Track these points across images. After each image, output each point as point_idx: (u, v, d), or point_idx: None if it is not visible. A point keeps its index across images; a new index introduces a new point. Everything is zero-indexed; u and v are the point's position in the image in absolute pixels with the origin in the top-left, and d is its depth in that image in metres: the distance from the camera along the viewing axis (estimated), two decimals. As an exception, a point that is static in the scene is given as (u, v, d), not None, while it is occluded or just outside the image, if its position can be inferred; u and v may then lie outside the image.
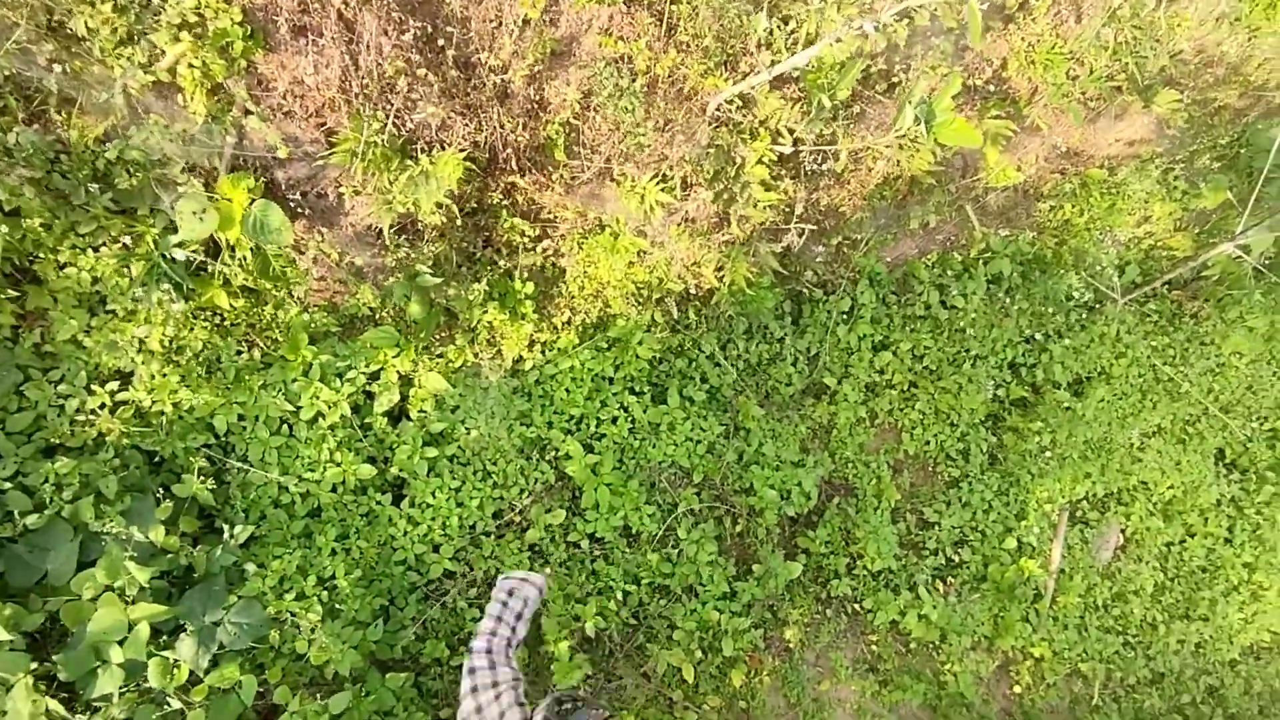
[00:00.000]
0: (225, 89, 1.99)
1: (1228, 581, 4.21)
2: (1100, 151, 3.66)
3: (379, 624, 2.72)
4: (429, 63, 2.04)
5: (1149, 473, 4.19)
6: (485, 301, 2.85)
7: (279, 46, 1.92)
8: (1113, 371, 4.09)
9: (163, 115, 2.02)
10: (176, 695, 2.25)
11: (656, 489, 3.35)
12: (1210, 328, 4.37)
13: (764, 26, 2.00)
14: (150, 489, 2.50)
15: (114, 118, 2.03)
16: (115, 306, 2.45)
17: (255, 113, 2.02)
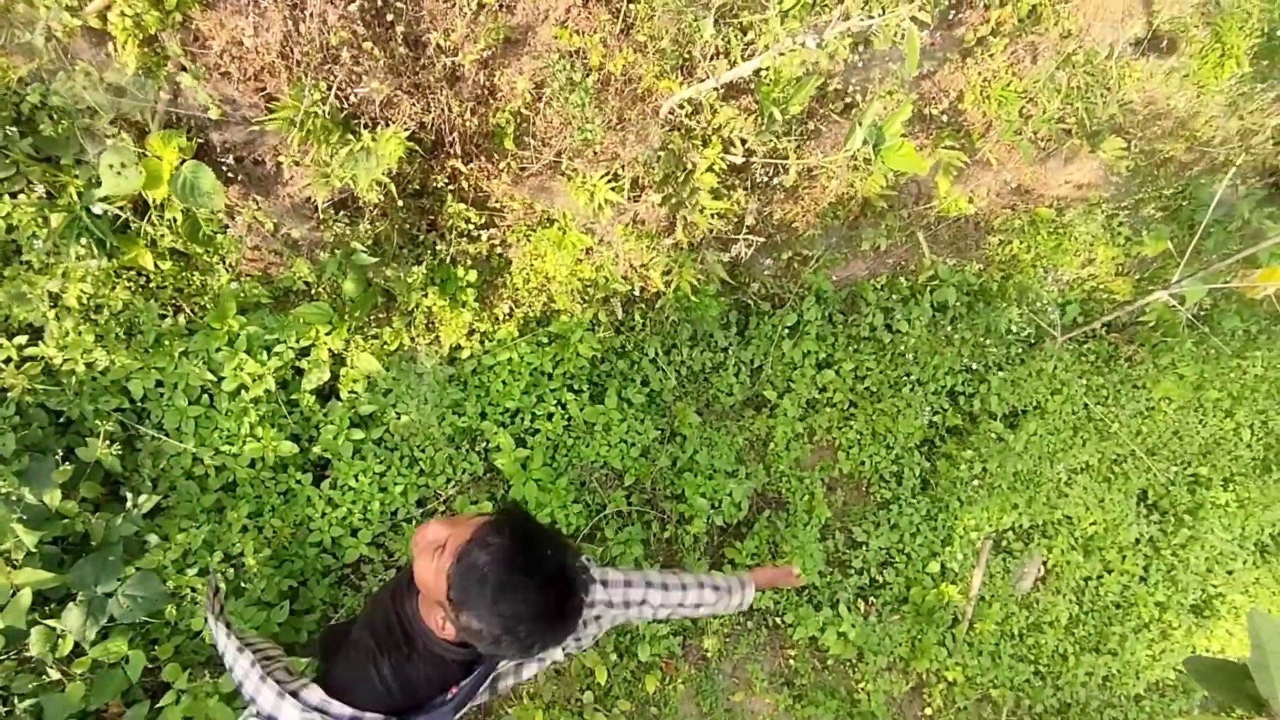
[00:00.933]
0: (159, 42, 1.92)
1: (1139, 619, 4.33)
2: (1050, 191, 3.74)
3: (286, 605, 2.65)
4: (376, 37, 1.99)
5: (1073, 508, 4.29)
6: (425, 286, 2.80)
7: (217, 3, 1.86)
8: (1047, 407, 4.18)
9: (91, 63, 1.94)
10: (58, 666, 2.16)
11: (586, 488, 3.33)
12: (1143, 372, 4.49)
13: (710, 33, 1.99)
14: (52, 450, 2.39)
15: (39, 60, 1.95)
16: (30, 257, 2.35)
17: (190, 70, 1.95)
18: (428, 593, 1.28)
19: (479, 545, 1.19)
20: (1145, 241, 4.11)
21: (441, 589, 1.20)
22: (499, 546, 1.18)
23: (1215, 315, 4.46)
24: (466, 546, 1.19)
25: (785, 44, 1.88)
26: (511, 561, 1.18)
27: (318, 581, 2.82)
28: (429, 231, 2.74)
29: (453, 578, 1.19)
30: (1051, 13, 2.69)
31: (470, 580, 1.17)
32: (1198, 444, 4.70)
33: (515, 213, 2.72)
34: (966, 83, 2.88)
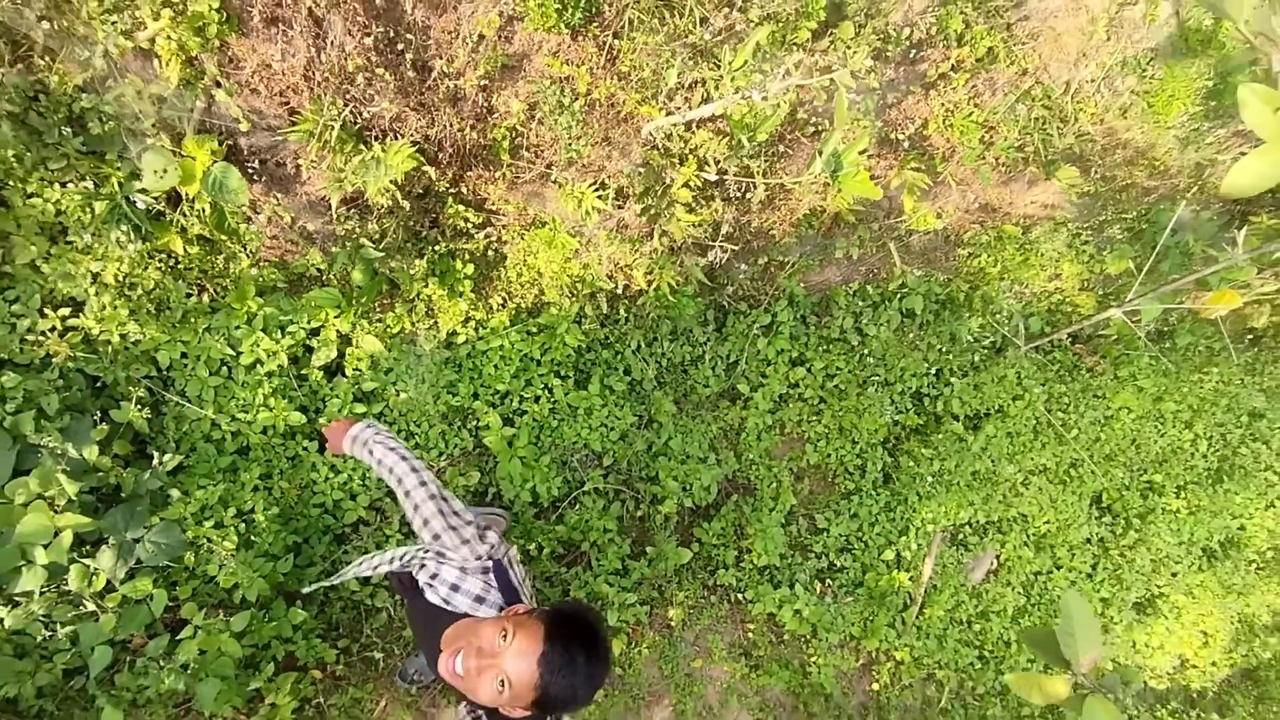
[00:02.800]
0: (199, 62, 2.19)
1: (1083, 613, 4.62)
2: (1016, 210, 3.99)
3: (290, 558, 2.97)
4: (388, 63, 2.26)
5: (1028, 506, 4.57)
6: (426, 277, 3.09)
7: (251, 33, 2.13)
8: (1009, 411, 4.45)
9: (139, 76, 2.22)
10: (92, 599, 2.48)
11: (567, 467, 3.63)
12: (1104, 382, 4.75)
13: (674, 81, 2.25)
14: (89, 411, 2.71)
15: (93, 71, 2.22)
16: (75, 239, 2.64)
17: (224, 86, 2.23)
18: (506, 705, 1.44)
19: (555, 670, 1.36)
20: (1108, 260, 4.37)
21: (526, 700, 1.39)
22: (566, 658, 1.37)
23: (1176, 333, 4.71)
24: (545, 675, 1.36)
25: (729, 99, 2.14)
26: (571, 662, 1.38)
27: (319, 539, 3.13)
28: (431, 228, 3.02)
29: (541, 690, 1.37)
30: (1007, 53, 2.93)
31: (557, 691, 1.38)
32: (1154, 452, 4.96)
33: (510, 215, 3.00)
34: (930, 112, 3.12)
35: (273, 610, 2.89)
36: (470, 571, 1.63)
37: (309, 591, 2.98)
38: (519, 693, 1.37)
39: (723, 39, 2.45)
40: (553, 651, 1.36)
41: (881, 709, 4.09)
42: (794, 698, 3.91)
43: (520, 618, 1.45)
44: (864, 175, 2.63)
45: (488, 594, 1.61)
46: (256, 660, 2.84)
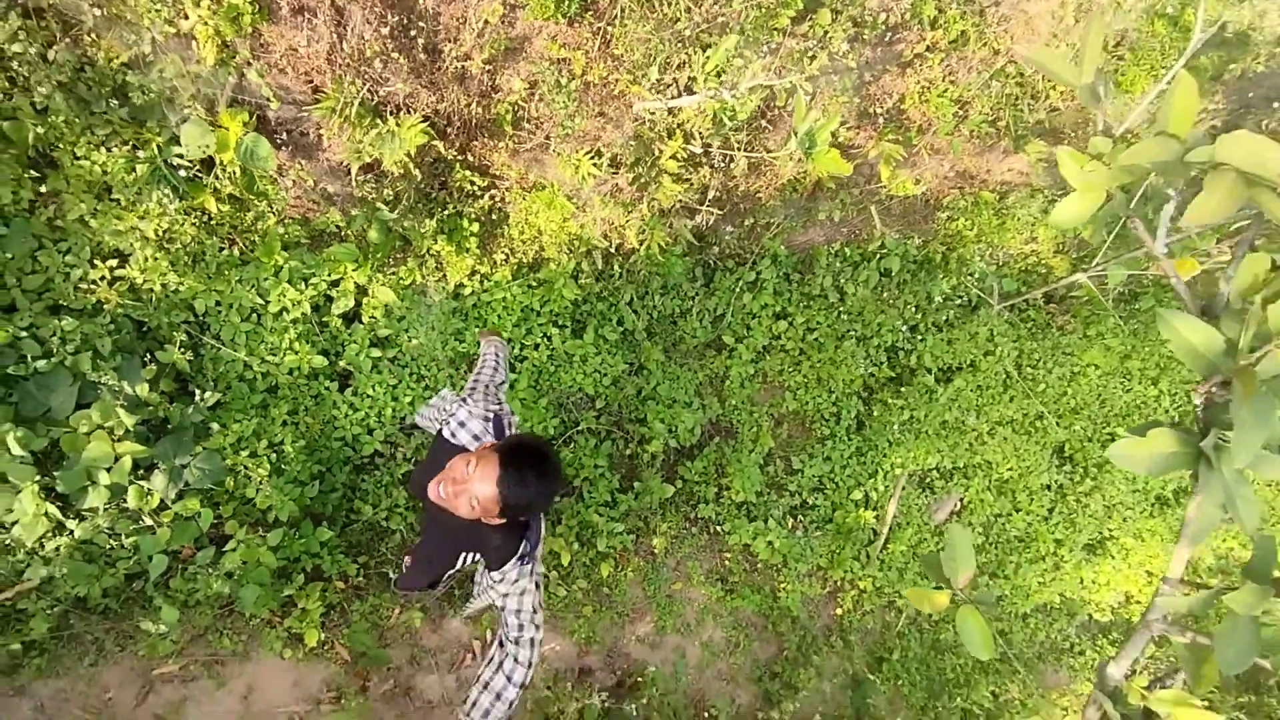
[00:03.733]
0: (233, 45, 2.43)
1: (1036, 552, 5.03)
2: (994, 176, 4.20)
3: (315, 484, 3.35)
4: (401, 47, 2.49)
5: (993, 454, 4.93)
6: (435, 234, 3.37)
7: (280, 21, 2.36)
8: (979, 365, 4.75)
9: (179, 56, 2.47)
10: (149, 515, 2.88)
11: (563, 408, 3.98)
12: (1073, 340, 5.04)
13: (656, 77, 2.48)
14: (138, 352, 3.05)
15: (137, 50, 2.47)
16: (119, 197, 2.92)
17: (255, 67, 2.47)
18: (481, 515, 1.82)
19: (510, 487, 1.72)
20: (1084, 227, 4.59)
21: (494, 512, 1.76)
22: (518, 477, 1.73)
23: (1142, 296, 4.96)
24: (503, 492, 1.72)
25: (703, 96, 2.38)
26: (523, 479, 1.74)
27: (340, 468, 3.51)
28: (440, 190, 3.28)
29: (503, 503, 1.73)
30: (979, 36, 3.11)
31: (515, 501, 1.74)
32: (1119, 407, 5.28)
33: (512, 179, 3.25)
34: (906, 88, 3.32)
35: (302, 529, 3.29)
36: (476, 416, 2.07)
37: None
38: (486, 507, 1.74)
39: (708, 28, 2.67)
40: (506, 474, 1.72)
41: (844, 631, 4.55)
42: (764, 619, 4.36)
43: (483, 451, 1.82)
44: (835, 153, 2.87)
45: (484, 435, 2.04)
46: (289, 571, 3.26)
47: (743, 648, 4.24)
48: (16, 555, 2.74)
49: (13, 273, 2.89)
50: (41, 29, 2.48)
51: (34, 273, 2.93)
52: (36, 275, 2.93)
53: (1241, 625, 1.16)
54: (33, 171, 2.84)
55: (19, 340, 2.79)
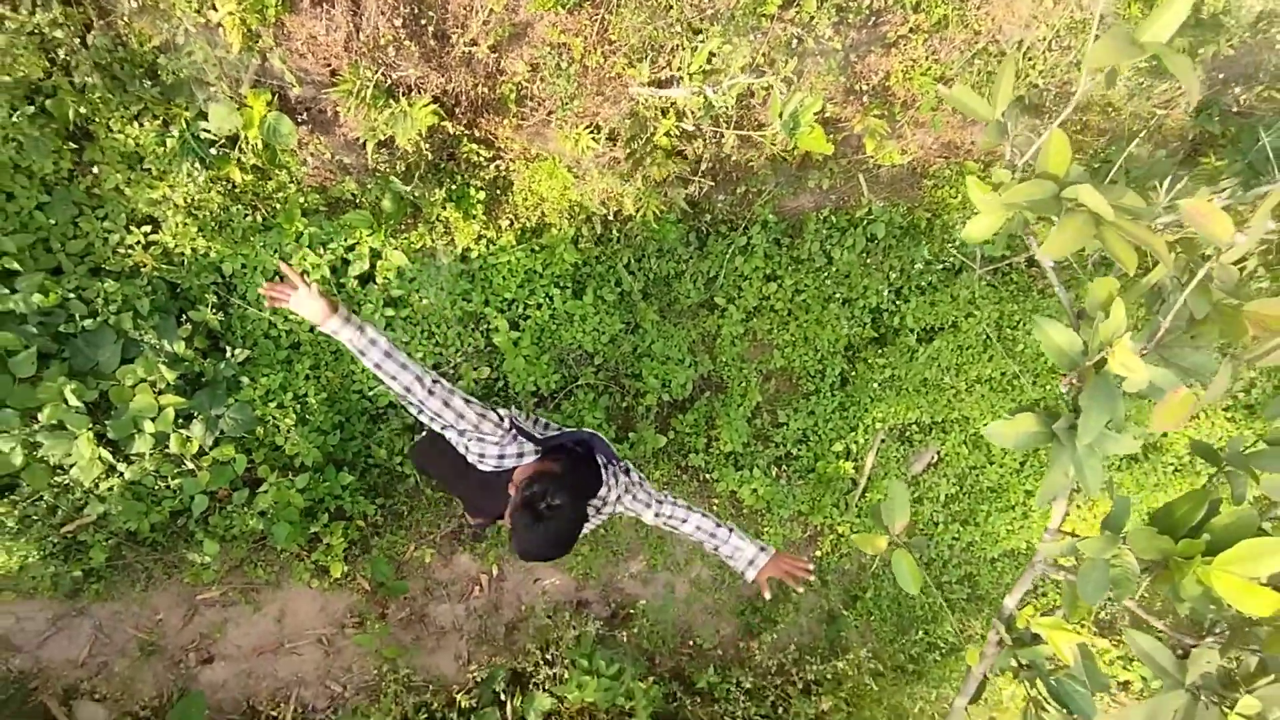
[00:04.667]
0: (257, 33, 2.63)
1: (1007, 501, 5.37)
2: (979, 147, 4.37)
3: (336, 433, 3.67)
4: (413, 34, 2.68)
5: (971, 410, 5.21)
6: (444, 202, 3.59)
7: (301, 12, 2.55)
8: (960, 326, 5.00)
9: (207, 41, 2.67)
10: (190, 460, 3.20)
11: (564, 364, 4.26)
12: (1053, 303, 5.26)
13: (647, 75, 2.67)
14: (173, 311, 3.32)
15: (168, 35, 2.67)
16: (151, 167, 3.16)
17: (277, 53, 2.67)
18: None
19: (518, 528, 2.04)
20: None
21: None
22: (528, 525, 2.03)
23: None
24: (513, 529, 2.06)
25: (694, 89, 2.57)
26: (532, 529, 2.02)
27: (358, 418, 3.82)
28: (449, 161, 3.49)
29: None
30: (959, 19, 3.27)
31: (518, 545, 2.05)
32: (1094, 366, 5.53)
33: (516, 151, 3.46)
34: (891, 67, 3.49)
35: (325, 473, 3.62)
36: (504, 442, 2.25)
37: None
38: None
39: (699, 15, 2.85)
40: (519, 515, 2.04)
41: (822, 571, 4.92)
42: (748, 558, 4.73)
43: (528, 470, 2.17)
44: (819, 133, 3.08)
45: (523, 448, 2.28)
46: (315, 510, 3.60)
47: (727, 585, 4.62)
48: (75, 494, 3.08)
49: (57, 238, 3.16)
50: (80, 14, 2.68)
51: (76, 238, 3.19)
52: (78, 240, 3.19)
53: (1096, 567, 1.46)
54: (71, 144, 3.07)
55: (67, 301, 3.07)
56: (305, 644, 3.67)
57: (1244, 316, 1.38)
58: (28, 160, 2.97)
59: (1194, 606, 1.42)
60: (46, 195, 3.12)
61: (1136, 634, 1.39)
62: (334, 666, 3.69)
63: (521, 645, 4.06)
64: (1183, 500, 1.41)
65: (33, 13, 2.59)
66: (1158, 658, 1.36)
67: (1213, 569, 1.28)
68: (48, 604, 3.24)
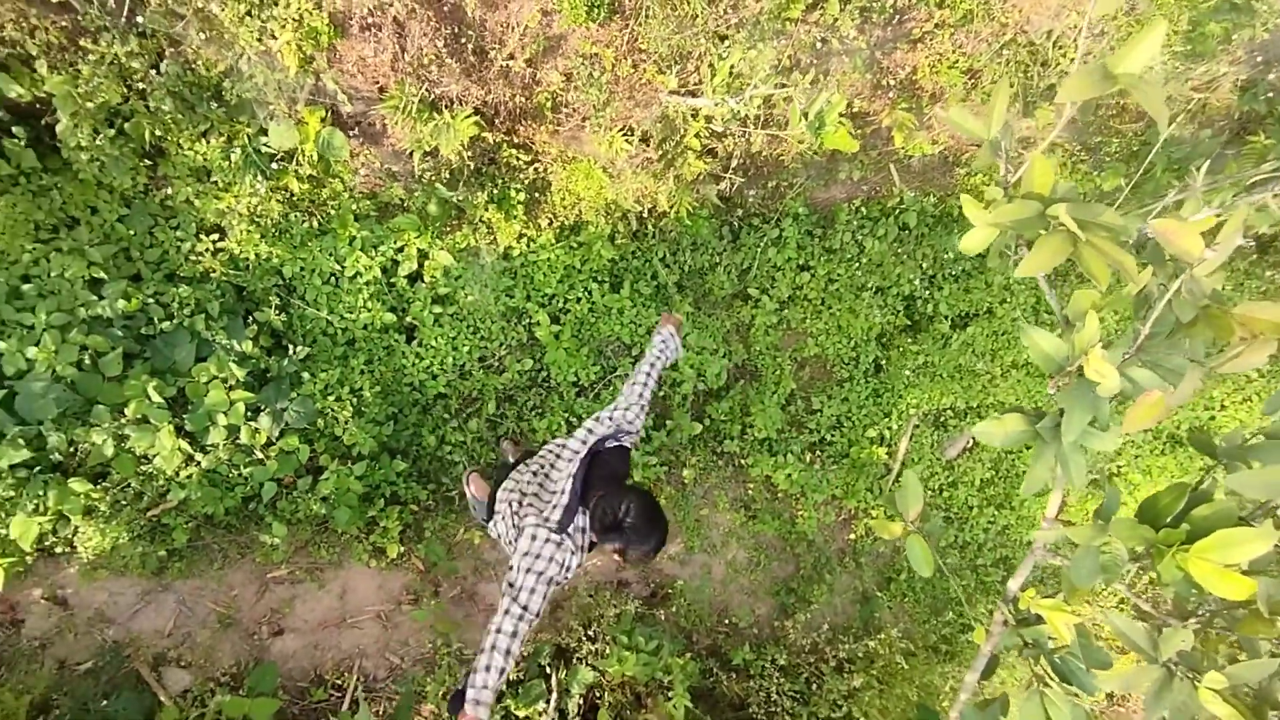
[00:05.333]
0: (312, 57, 2.83)
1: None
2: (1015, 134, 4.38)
3: (390, 424, 3.91)
4: (453, 52, 2.85)
5: (1006, 395, 5.24)
6: (487, 205, 3.78)
7: (351, 36, 2.74)
8: (995, 312, 5.02)
9: (266, 65, 2.89)
10: (259, 450, 3.47)
11: (603, 355, 4.44)
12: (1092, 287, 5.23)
13: (676, 82, 2.79)
14: (240, 313, 3.59)
15: (232, 62, 2.90)
16: (218, 180, 3.41)
17: (330, 74, 2.88)
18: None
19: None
20: (1101, 178, 4.75)
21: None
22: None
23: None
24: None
25: (716, 100, 2.69)
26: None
27: (410, 409, 4.06)
28: (489, 165, 3.68)
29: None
30: (985, 14, 3.30)
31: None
32: (1135, 349, 5.49)
33: (553, 155, 3.63)
34: (918, 62, 3.54)
35: (381, 461, 3.88)
36: (566, 548, 2.15)
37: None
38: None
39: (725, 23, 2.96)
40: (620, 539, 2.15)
41: (856, 553, 5.04)
42: (783, 542, 4.87)
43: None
44: (843, 132, 3.18)
45: (576, 532, 2.20)
46: (372, 495, 3.86)
47: (762, 566, 4.78)
48: (159, 481, 3.38)
49: (136, 247, 3.44)
50: (153, 45, 2.92)
51: (152, 246, 3.48)
52: (154, 249, 3.48)
53: (1087, 554, 1.58)
54: (147, 161, 3.34)
55: (147, 306, 3.36)
56: (366, 619, 3.95)
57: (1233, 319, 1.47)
58: (109, 177, 3.24)
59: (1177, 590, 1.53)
60: (126, 208, 3.40)
61: (1113, 614, 1.50)
62: (392, 640, 3.96)
63: (565, 622, 4.28)
64: (1165, 493, 1.52)
65: (111, 45, 2.84)
66: (1133, 636, 1.47)
67: (1190, 556, 1.39)
68: (136, 581, 3.57)
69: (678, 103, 3.01)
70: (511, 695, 3.77)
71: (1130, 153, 4.69)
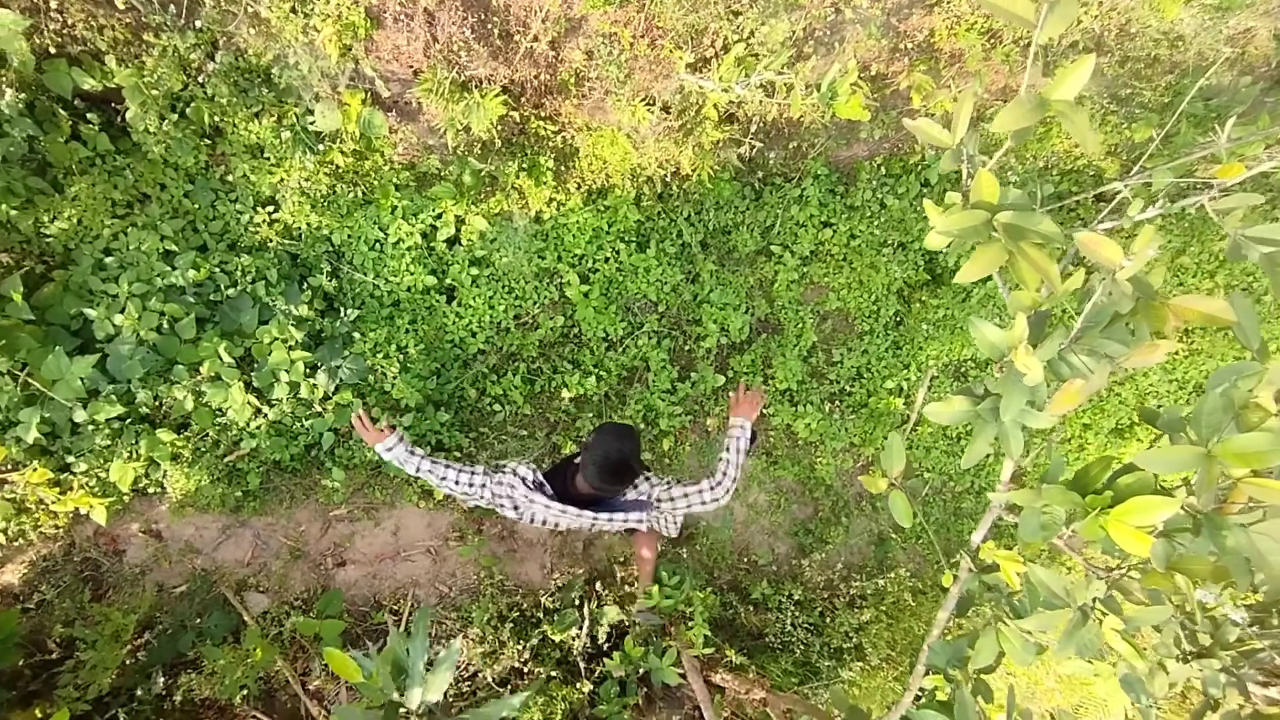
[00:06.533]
0: (350, 46, 3.06)
1: (1063, 435, 5.53)
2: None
3: (434, 378, 4.26)
4: (480, 37, 3.04)
5: (1028, 347, 5.33)
6: (518, 173, 4.00)
7: (386, 26, 2.95)
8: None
9: (310, 54, 3.12)
10: (318, 403, 3.85)
11: (630, 312, 4.69)
12: (1121, 239, 5.24)
13: (688, 63, 2.93)
14: (295, 279, 3.93)
15: (278, 50, 3.14)
16: (270, 156, 3.70)
17: (367, 61, 3.10)
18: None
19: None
20: (1133, 130, 4.72)
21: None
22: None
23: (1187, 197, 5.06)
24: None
25: (723, 87, 2.83)
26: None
27: (452, 364, 4.40)
28: (520, 135, 3.88)
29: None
30: (1001, -22, 3.32)
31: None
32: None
33: (578, 125, 3.81)
34: (935, 25, 3.59)
35: (426, 413, 4.24)
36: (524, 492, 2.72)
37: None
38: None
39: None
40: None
41: (873, 498, 5.30)
42: (802, 486, 5.15)
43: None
44: (854, 102, 3.30)
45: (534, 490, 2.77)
46: (419, 444, 4.23)
47: (782, 509, 5.07)
48: (232, 431, 3.79)
49: (201, 220, 3.78)
50: (208, 36, 3.17)
51: (215, 219, 3.81)
52: (217, 221, 3.80)
53: (1031, 514, 1.81)
54: (206, 140, 3.64)
55: (214, 274, 3.71)
56: (417, 553, 4.39)
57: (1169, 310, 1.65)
58: (175, 156, 3.55)
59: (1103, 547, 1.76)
60: (190, 184, 3.72)
61: (1034, 567, 1.74)
62: (441, 572, 4.40)
63: (597, 558, 4.68)
64: (1095, 464, 1.73)
65: (171, 39, 3.10)
66: (1051, 585, 1.71)
67: (1110, 519, 1.62)
68: (218, 517, 4.04)
69: (691, 82, 3.16)
70: (549, 622, 4.19)
71: (1163, 104, 4.64)
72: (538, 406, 4.61)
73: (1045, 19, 1.62)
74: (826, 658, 4.66)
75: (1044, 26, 1.64)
